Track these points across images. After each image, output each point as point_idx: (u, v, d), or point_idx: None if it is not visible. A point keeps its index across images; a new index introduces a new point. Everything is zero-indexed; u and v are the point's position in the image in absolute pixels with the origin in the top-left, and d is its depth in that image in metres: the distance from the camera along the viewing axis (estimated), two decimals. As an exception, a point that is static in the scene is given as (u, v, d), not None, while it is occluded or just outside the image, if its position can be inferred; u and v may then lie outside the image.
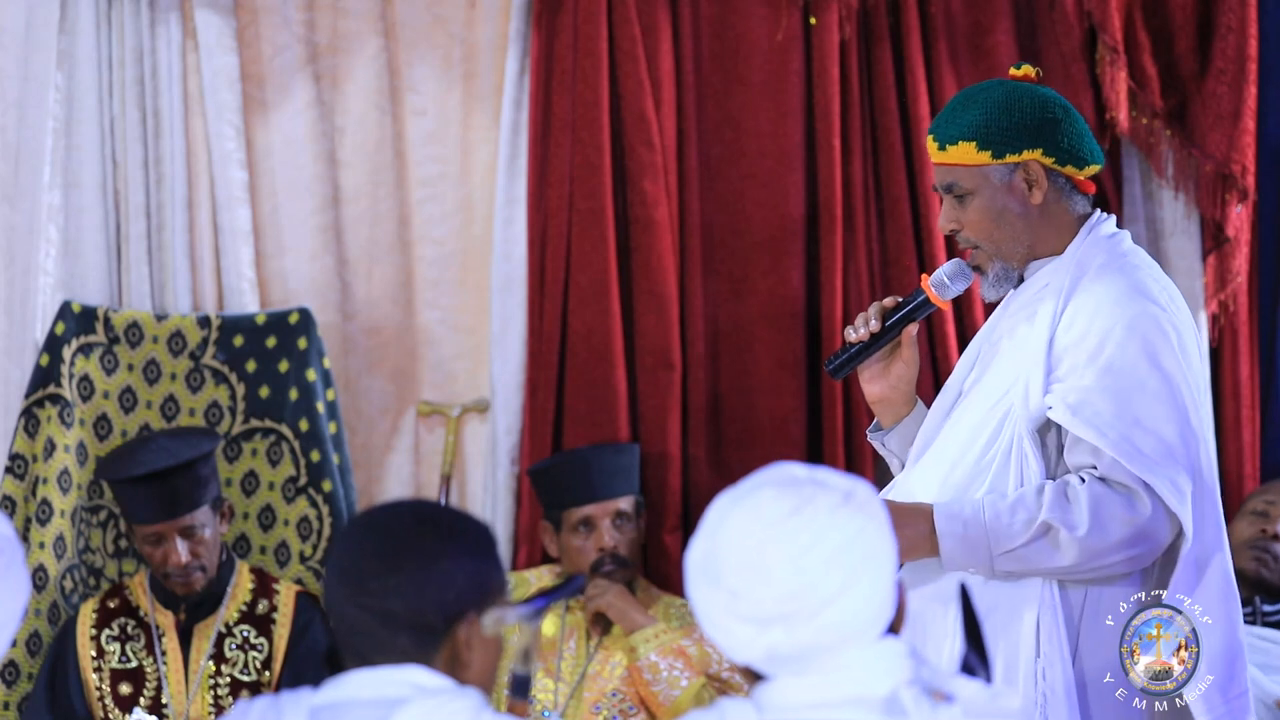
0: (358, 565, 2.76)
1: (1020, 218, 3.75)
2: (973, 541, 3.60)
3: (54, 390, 5.45)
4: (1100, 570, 3.60)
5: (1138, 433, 3.56)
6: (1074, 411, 3.58)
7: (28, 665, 5.41)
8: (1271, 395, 5.71)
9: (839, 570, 2.61)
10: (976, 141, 3.73)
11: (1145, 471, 3.55)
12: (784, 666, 2.65)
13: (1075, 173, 3.76)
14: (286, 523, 5.54)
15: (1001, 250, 3.77)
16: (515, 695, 2.89)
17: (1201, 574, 3.63)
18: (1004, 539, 3.59)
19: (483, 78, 5.68)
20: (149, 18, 5.57)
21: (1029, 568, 3.60)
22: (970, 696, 2.67)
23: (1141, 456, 3.55)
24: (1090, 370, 3.60)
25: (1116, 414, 3.57)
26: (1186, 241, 5.67)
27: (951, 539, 3.61)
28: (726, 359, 5.63)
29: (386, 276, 5.72)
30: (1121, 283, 3.68)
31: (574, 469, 5.36)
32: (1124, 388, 3.59)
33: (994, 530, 3.59)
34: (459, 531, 2.80)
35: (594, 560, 5.27)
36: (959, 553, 3.61)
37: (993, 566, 3.61)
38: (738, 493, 2.69)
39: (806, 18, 5.60)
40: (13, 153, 5.51)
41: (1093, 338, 3.63)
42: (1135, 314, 3.63)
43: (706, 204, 5.63)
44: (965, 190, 3.76)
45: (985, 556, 3.60)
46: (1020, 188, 3.74)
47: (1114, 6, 5.53)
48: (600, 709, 5.22)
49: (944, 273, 3.83)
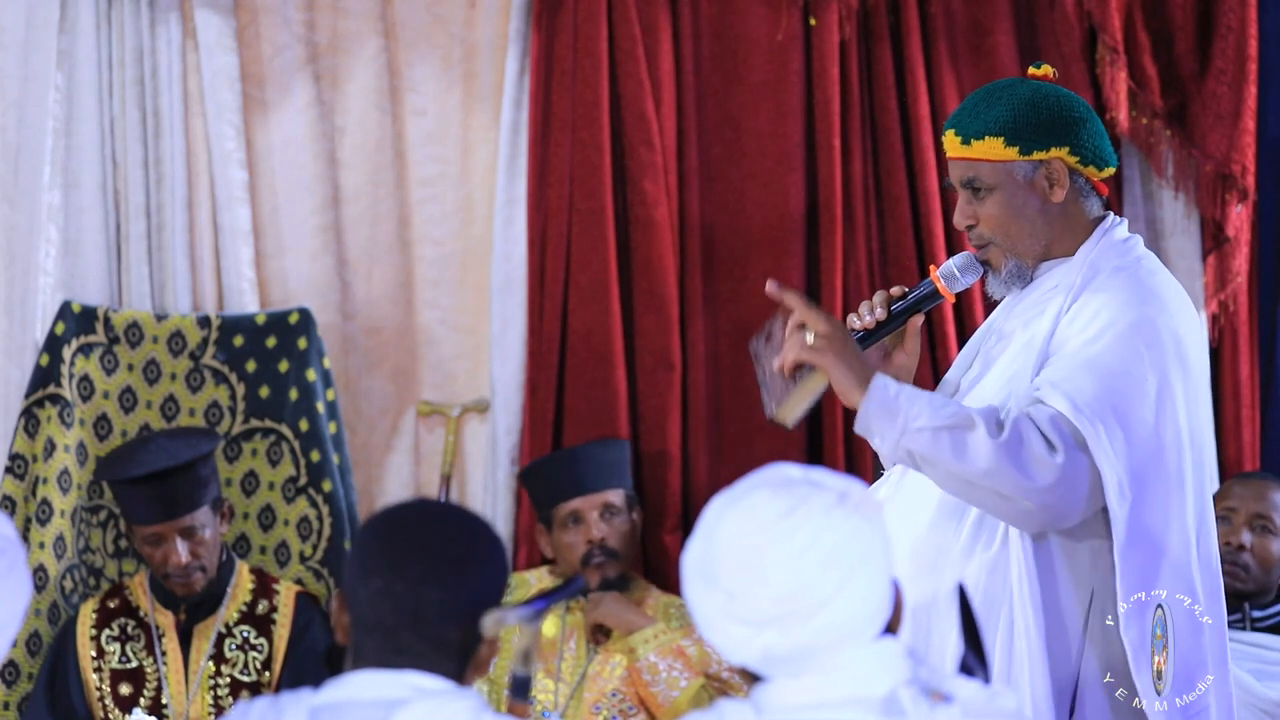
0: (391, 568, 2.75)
1: (1039, 215, 3.75)
2: (893, 408, 3.56)
3: (54, 390, 5.45)
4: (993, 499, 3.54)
5: (1110, 420, 3.54)
6: (1054, 385, 3.56)
7: (28, 665, 5.41)
8: (1271, 395, 5.71)
9: (834, 571, 2.61)
10: (1004, 137, 3.72)
11: (1101, 457, 3.50)
12: (780, 667, 2.65)
13: (1095, 174, 3.76)
14: (286, 523, 5.54)
15: (1017, 248, 3.76)
16: (515, 696, 2.89)
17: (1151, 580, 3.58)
18: (925, 415, 3.54)
19: (483, 78, 5.68)
20: (149, 18, 5.57)
21: (929, 455, 3.54)
22: (968, 697, 2.67)
23: (1103, 442, 3.51)
24: (1081, 355, 3.59)
25: (1096, 395, 3.54)
26: (1186, 241, 5.67)
27: (876, 398, 3.57)
28: (726, 359, 5.63)
29: (386, 276, 5.72)
30: (1131, 286, 3.67)
31: (561, 466, 5.37)
32: (1111, 375, 3.57)
33: (918, 404, 3.55)
34: (488, 541, 2.81)
35: (583, 553, 5.26)
36: (876, 415, 3.57)
37: (899, 439, 3.55)
38: (733, 494, 2.69)
39: (806, 18, 5.60)
40: (13, 153, 5.51)
41: (1091, 330, 3.62)
42: (1139, 316, 3.63)
43: (706, 204, 5.63)
44: (986, 186, 3.74)
45: (899, 425, 3.55)
46: (1042, 186, 3.73)
47: (1114, 6, 5.53)
48: (600, 709, 5.22)
49: (954, 265, 3.81)
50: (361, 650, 2.77)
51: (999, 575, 3.66)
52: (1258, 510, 4.99)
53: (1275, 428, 5.70)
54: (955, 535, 3.70)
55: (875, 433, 3.61)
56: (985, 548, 3.67)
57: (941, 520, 3.72)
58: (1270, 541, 5.01)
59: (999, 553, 3.66)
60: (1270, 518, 5.01)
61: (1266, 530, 5.01)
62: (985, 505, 3.59)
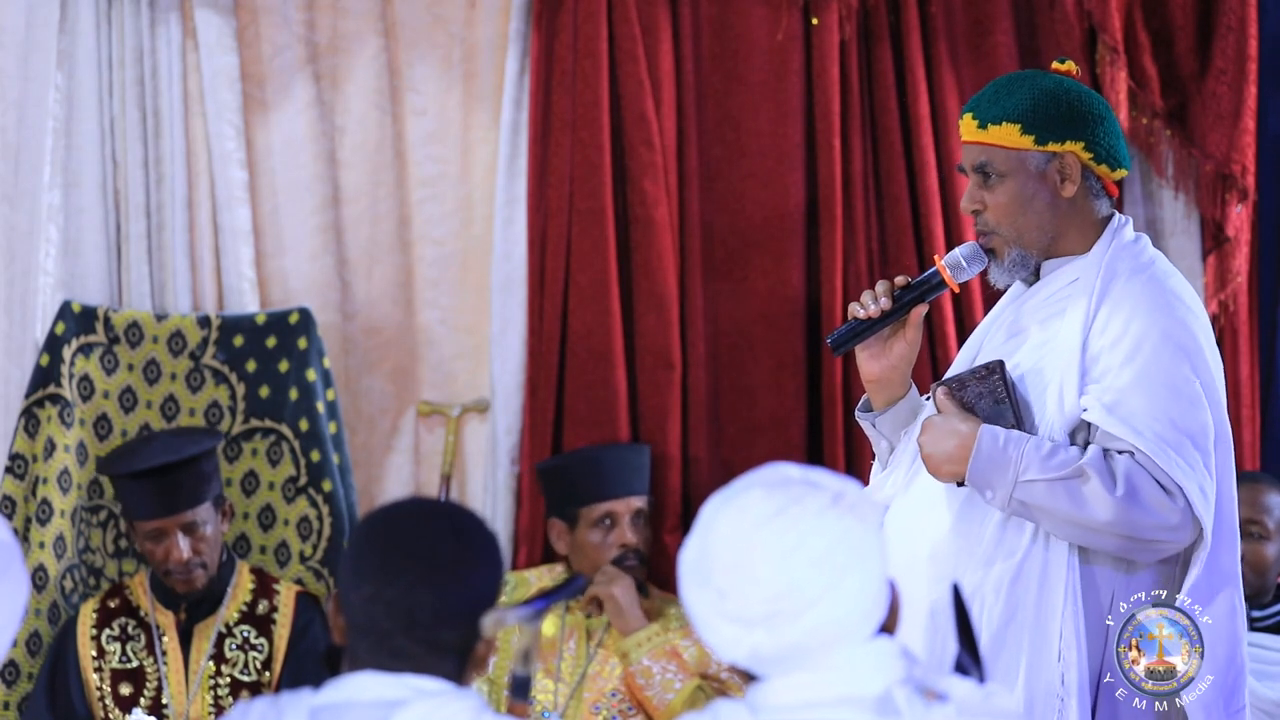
0: (384, 573, 2.74)
1: (1048, 208, 3.74)
2: (1003, 460, 3.57)
3: (54, 390, 5.45)
4: (1121, 542, 3.58)
5: (1172, 434, 3.56)
6: (1109, 410, 3.58)
7: (28, 665, 5.41)
8: (1271, 395, 5.71)
9: (824, 571, 2.60)
10: (1022, 124, 3.72)
11: (1177, 472, 3.55)
12: (770, 667, 2.65)
13: (1108, 173, 3.76)
14: (286, 523, 5.54)
15: (1022, 238, 3.75)
16: (515, 696, 2.89)
17: (1215, 581, 3.62)
18: (1034, 468, 3.56)
19: (483, 78, 5.68)
20: (149, 18, 5.57)
21: (1045, 506, 3.56)
22: (964, 696, 2.66)
23: (1174, 457, 3.55)
24: (1126, 371, 3.60)
25: (1151, 413, 3.56)
26: (1186, 241, 5.67)
27: (986, 450, 3.58)
28: (726, 359, 5.63)
29: (386, 276, 5.72)
30: (1155, 289, 3.68)
31: (594, 465, 5.36)
32: (1159, 389, 3.58)
33: (1028, 456, 3.57)
34: (482, 540, 2.80)
35: (616, 556, 5.27)
36: (986, 467, 3.59)
37: (1011, 492, 3.57)
38: (728, 493, 2.70)
39: (806, 18, 5.60)
40: (13, 153, 5.51)
41: (1128, 341, 3.62)
42: (1171, 321, 3.64)
43: (706, 204, 5.63)
44: (998, 172, 3.74)
45: (1010, 478, 3.57)
46: (1054, 178, 3.73)
47: (1114, 6, 5.53)
48: (600, 709, 5.22)
49: (960, 254, 3.79)
50: (357, 653, 2.77)
51: (1022, 584, 3.65)
52: (1248, 515, 4.97)
53: (1275, 428, 5.71)
54: (978, 540, 3.69)
55: (987, 486, 3.62)
56: (1008, 556, 3.67)
57: (963, 525, 3.71)
58: (1263, 546, 5.00)
59: (1023, 561, 3.66)
60: (1262, 522, 5.00)
61: (1259, 536, 5.00)
62: (1110, 548, 3.61)
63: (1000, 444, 3.59)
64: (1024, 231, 3.75)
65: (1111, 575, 3.65)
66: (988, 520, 3.68)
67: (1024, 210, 3.74)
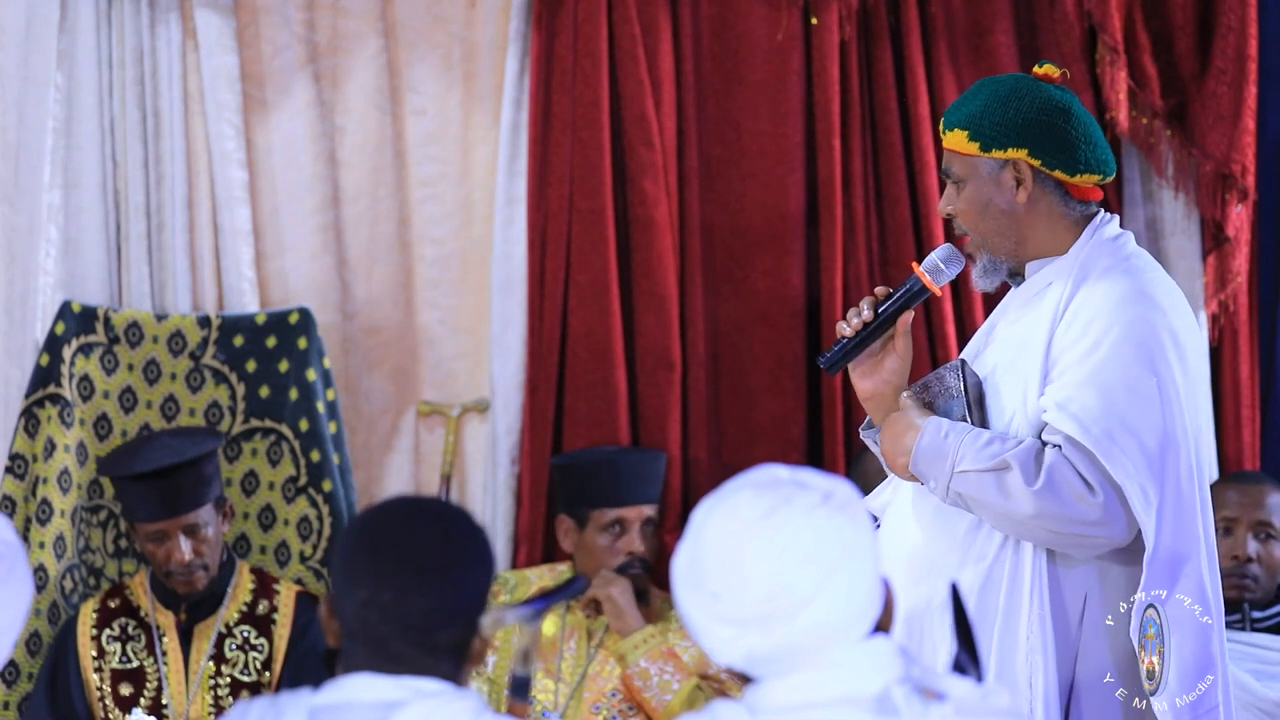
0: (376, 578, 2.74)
1: (1005, 214, 3.75)
2: (942, 450, 3.61)
3: (54, 390, 5.45)
4: (1048, 535, 3.58)
5: (1121, 433, 3.55)
6: (1061, 407, 3.58)
7: (28, 665, 5.41)
8: (1271, 395, 5.71)
9: (816, 571, 2.61)
10: (969, 131, 3.74)
11: (1118, 471, 3.54)
12: (765, 668, 2.65)
13: (1066, 178, 3.74)
14: (286, 523, 5.54)
15: (987, 242, 3.77)
16: (515, 696, 2.90)
17: (1173, 581, 3.60)
18: (968, 458, 3.59)
19: (483, 78, 5.68)
20: (149, 18, 5.57)
21: (977, 497, 3.59)
22: (961, 695, 2.67)
23: (1119, 455, 3.54)
24: (1082, 368, 3.60)
25: (1102, 411, 3.56)
26: (1186, 241, 5.67)
27: (928, 441, 3.62)
28: (726, 359, 5.63)
29: (386, 276, 5.72)
30: (1123, 285, 3.66)
31: (611, 469, 5.35)
32: (1113, 387, 3.58)
33: (965, 446, 3.60)
34: (471, 539, 2.79)
35: (622, 563, 5.26)
36: (928, 456, 3.62)
37: (949, 482, 3.60)
38: (719, 495, 2.71)
39: (806, 18, 5.60)
40: (13, 153, 5.51)
41: (1088, 338, 3.62)
42: (1133, 317, 3.62)
43: (706, 204, 5.63)
44: (959, 177, 3.77)
45: (947, 468, 3.60)
46: (1009, 184, 3.73)
47: (1114, 6, 5.53)
48: (600, 709, 5.22)
49: (937, 257, 3.81)
50: (352, 656, 2.77)
51: (992, 589, 3.66)
52: (1258, 518, 4.96)
53: (1275, 428, 5.70)
54: (951, 546, 3.71)
55: (927, 476, 3.65)
56: (978, 560, 3.68)
57: (936, 530, 3.73)
58: (1275, 548, 4.99)
59: (992, 566, 3.67)
60: (1271, 524, 4.98)
61: (1270, 537, 4.98)
62: (1041, 541, 3.62)
63: (942, 435, 3.63)
64: (987, 236, 3.77)
65: (1084, 578, 3.65)
66: (959, 525, 3.70)
67: (983, 216, 3.76)
